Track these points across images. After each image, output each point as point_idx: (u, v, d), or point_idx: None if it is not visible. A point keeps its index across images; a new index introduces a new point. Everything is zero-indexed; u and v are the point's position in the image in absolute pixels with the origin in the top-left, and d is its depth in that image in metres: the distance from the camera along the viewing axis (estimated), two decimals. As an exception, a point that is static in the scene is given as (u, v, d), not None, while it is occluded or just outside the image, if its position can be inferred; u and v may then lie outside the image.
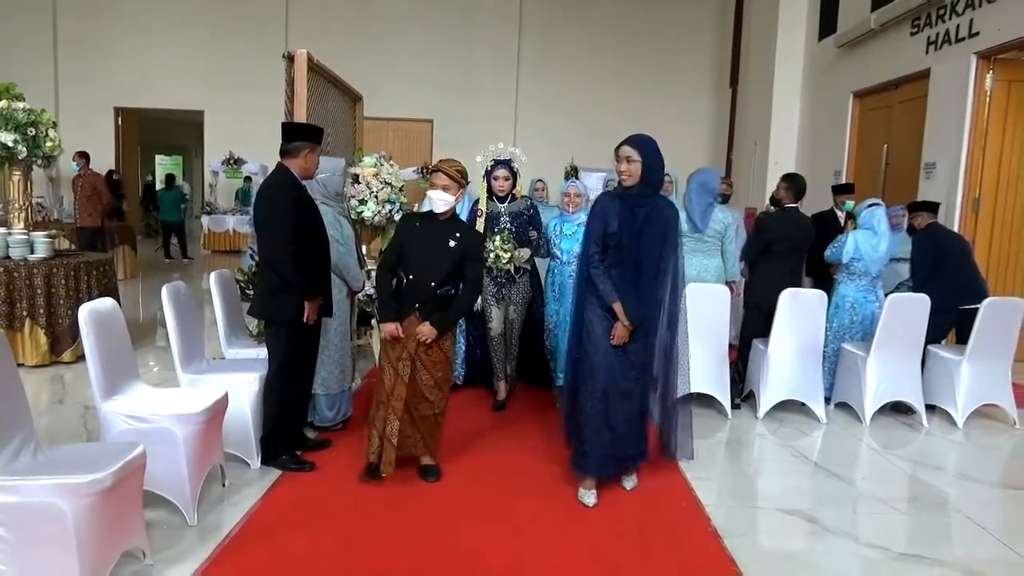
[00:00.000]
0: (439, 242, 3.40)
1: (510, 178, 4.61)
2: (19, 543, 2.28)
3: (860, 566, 3.00)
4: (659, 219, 3.30)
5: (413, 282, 3.42)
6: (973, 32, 6.75)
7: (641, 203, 3.30)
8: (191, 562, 2.76)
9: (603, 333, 3.34)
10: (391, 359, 3.41)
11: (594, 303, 3.37)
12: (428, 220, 3.51)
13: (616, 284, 3.30)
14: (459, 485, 3.57)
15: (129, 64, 14.05)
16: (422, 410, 3.47)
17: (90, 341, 3.01)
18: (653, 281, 3.32)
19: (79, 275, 5.61)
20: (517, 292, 4.73)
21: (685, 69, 14.10)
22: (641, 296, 3.29)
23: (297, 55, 4.72)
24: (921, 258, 5.14)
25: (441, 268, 3.40)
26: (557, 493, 3.51)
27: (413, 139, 14.11)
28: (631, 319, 3.26)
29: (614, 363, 3.34)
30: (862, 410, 4.79)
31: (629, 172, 3.28)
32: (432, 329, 3.36)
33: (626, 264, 3.31)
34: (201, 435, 3.07)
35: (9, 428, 2.45)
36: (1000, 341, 4.88)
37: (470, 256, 3.47)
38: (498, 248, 4.51)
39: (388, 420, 3.37)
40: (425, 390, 3.44)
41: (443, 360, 3.49)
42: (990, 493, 3.91)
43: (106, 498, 2.37)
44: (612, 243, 3.31)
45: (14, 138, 5.45)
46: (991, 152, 6.74)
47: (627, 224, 3.28)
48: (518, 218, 4.67)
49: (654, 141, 3.33)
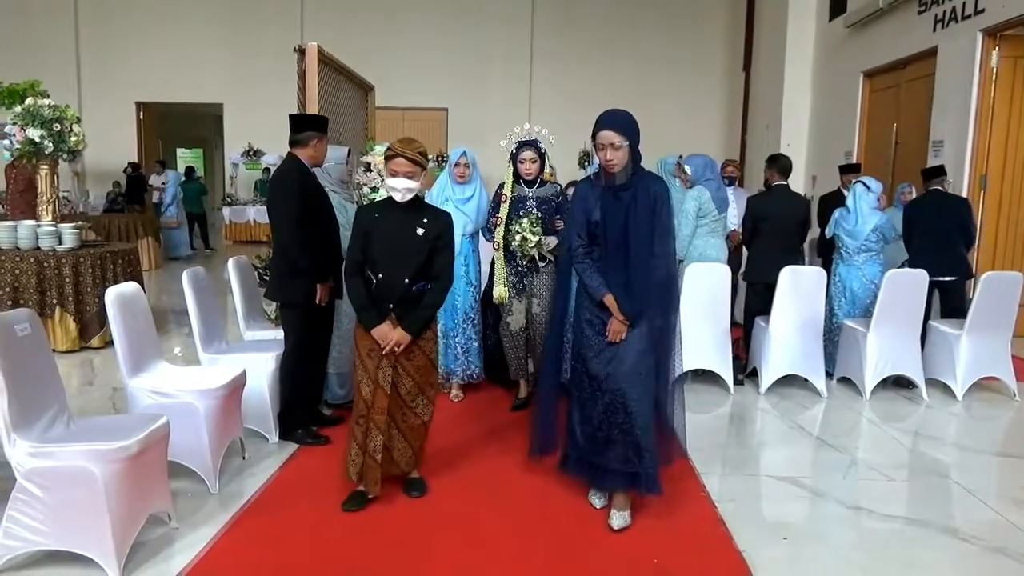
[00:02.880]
0: (406, 232, 3.05)
1: (537, 160, 4.29)
2: (55, 504, 2.49)
3: (844, 527, 3.14)
4: (646, 198, 2.93)
5: (383, 281, 3.06)
6: (979, 9, 6.78)
7: (626, 186, 2.95)
8: (213, 526, 2.96)
9: (596, 334, 3.04)
10: (369, 369, 3.07)
11: (583, 303, 3.10)
12: (389, 208, 3.11)
13: (605, 277, 3.00)
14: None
15: (150, 59, 14.34)
16: (409, 420, 3.15)
17: (117, 322, 3.21)
18: (647, 269, 2.95)
19: (105, 264, 5.85)
20: (541, 283, 4.37)
21: (698, 54, 14.13)
22: (633, 288, 2.95)
23: (307, 48, 4.89)
24: (905, 222, 5.41)
25: (412, 261, 3.05)
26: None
27: (427, 128, 14.26)
28: (626, 313, 2.95)
29: (606, 351, 3.01)
30: (863, 384, 4.90)
31: (616, 160, 2.89)
32: (405, 334, 3.03)
33: (613, 255, 2.99)
34: (221, 409, 3.27)
35: (44, 400, 2.66)
36: (999, 315, 4.96)
37: (440, 244, 3.11)
38: (526, 230, 4.19)
39: (370, 435, 3.05)
40: (409, 398, 3.13)
41: (426, 364, 3.16)
42: (984, 461, 4.03)
43: (133, 464, 2.57)
44: (597, 233, 3.00)
45: (40, 134, 5.69)
46: (998, 129, 6.78)
47: (611, 212, 2.96)
48: (545, 203, 4.34)
49: (632, 117, 2.95)
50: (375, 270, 3.08)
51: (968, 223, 5.35)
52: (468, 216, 4.51)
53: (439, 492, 3.32)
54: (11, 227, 5.76)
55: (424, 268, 3.09)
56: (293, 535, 2.92)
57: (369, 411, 3.06)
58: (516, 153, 4.31)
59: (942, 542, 3.01)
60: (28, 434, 2.53)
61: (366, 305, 3.07)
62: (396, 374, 3.08)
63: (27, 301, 5.44)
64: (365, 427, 3.06)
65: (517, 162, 4.31)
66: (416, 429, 3.19)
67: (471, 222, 4.53)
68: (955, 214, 5.33)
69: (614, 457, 3.01)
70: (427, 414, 3.22)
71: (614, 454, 3.00)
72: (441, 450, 3.72)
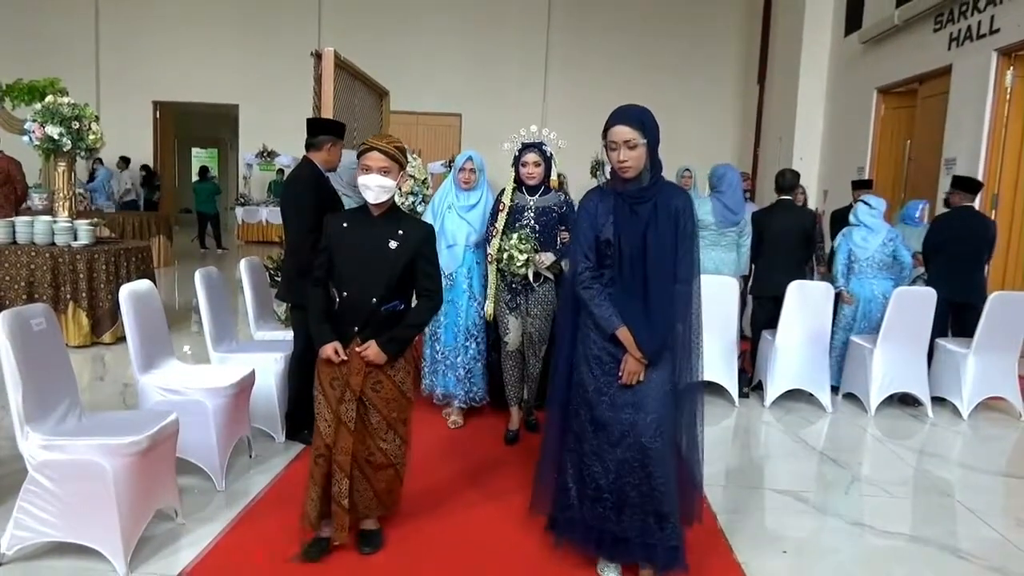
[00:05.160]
0: (376, 244, 2.66)
1: (541, 164, 3.86)
2: (66, 497, 2.54)
3: (845, 543, 3.14)
4: (668, 213, 2.50)
5: (348, 300, 2.68)
6: (994, 29, 6.78)
7: (643, 196, 2.51)
8: (219, 523, 3.00)
9: (604, 373, 2.56)
10: (330, 401, 2.67)
11: (590, 335, 2.59)
12: (360, 217, 2.74)
13: (618, 306, 2.54)
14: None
15: (167, 59, 14.52)
16: (375, 458, 2.71)
17: (129, 319, 3.27)
18: (668, 297, 2.51)
19: (119, 261, 5.93)
20: (536, 303, 3.94)
21: (713, 66, 14.18)
22: (653, 320, 2.49)
23: (324, 53, 4.95)
24: (930, 236, 5.33)
25: (381, 278, 2.65)
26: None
27: (441, 133, 14.36)
28: (644, 350, 2.49)
29: (618, 395, 2.55)
30: (868, 400, 4.90)
31: (631, 161, 2.46)
32: (379, 352, 2.62)
33: (629, 279, 2.54)
34: (229, 407, 3.32)
35: (57, 394, 2.71)
36: (1007, 335, 4.95)
37: (421, 256, 2.71)
38: (513, 247, 3.78)
39: (335, 478, 2.66)
40: (377, 436, 2.69)
41: (396, 396, 2.71)
42: (988, 480, 4.02)
43: (143, 458, 2.61)
44: (609, 253, 2.56)
45: (59, 131, 5.77)
46: (1010, 148, 6.77)
47: (627, 228, 2.52)
48: (546, 214, 3.90)
49: (651, 113, 2.53)
50: (339, 287, 2.71)
51: (993, 246, 5.34)
52: (472, 225, 4.15)
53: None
54: (28, 222, 5.85)
55: (399, 287, 2.70)
56: (297, 533, 2.95)
57: (331, 451, 2.66)
58: (519, 155, 3.92)
59: (943, 560, 3.02)
60: (41, 427, 2.58)
61: (319, 318, 2.71)
62: (362, 407, 2.67)
63: (41, 296, 5.52)
64: (326, 468, 2.68)
65: (519, 165, 3.91)
66: (382, 470, 2.73)
67: (475, 232, 4.15)
68: (984, 235, 5.27)
69: (629, 525, 2.52)
70: (398, 457, 2.76)
71: (629, 522, 2.52)
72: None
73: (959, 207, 5.36)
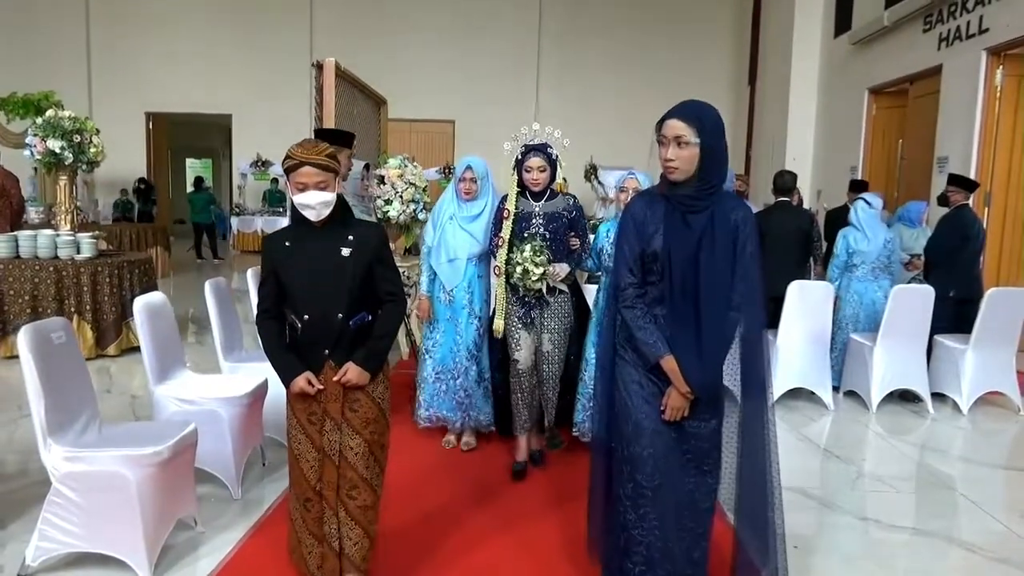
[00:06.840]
0: (327, 257, 2.42)
1: (546, 168, 3.56)
2: (89, 508, 2.58)
3: (853, 537, 3.21)
4: (726, 227, 2.20)
5: (311, 323, 2.43)
6: (983, 28, 6.89)
7: (697, 206, 2.20)
8: (236, 531, 3.04)
9: (646, 404, 2.27)
10: (313, 438, 2.46)
11: (628, 361, 2.32)
12: (302, 231, 2.46)
13: (665, 330, 2.25)
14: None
15: (160, 70, 14.53)
16: (359, 496, 2.44)
17: (144, 330, 3.31)
18: (721, 323, 2.21)
19: (122, 273, 5.95)
20: (552, 317, 3.63)
21: (704, 68, 14.27)
22: (704, 349, 2.20)
23: (325, 64, 5.01)
24: (943, 239, 5.29)
25: (341, 292, 2.41)
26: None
27: (435, 140, 14.42)
28: (691, 383, 2.20)
29: (670, 451, 2.28)
30: (869, 397, 4.97)
31: (678, 162, 2.16)
32: (361, 372, 2.42)
33: (678, 300, 2.23)
34: (244, 417, 3.36)
35: (78, 407, 2.75)
36: (1005, 330, 5.03)
37: (379, 262, 2.48)
38: (527, 261, 3.45)
39: (325, 519, 2.46)
40: (359, 464, 2.43)
41: (376, 416, 2.48)
42: (989, 473, 4.10)
43: (164, 469, 2.65)
44: (656, 269, 2.25)
45: (61, 145, 5.80)
46: (1002, 147, 6.88)
47: (677, 240, 2.21)
48: (555, 220, 3.61)
49: (717, 114, 2.21)
50: (298, 312, 2.45)
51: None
52: (474, 237, 3.85)
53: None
54: (31, 236, 5.86)
55: (361, 296, 2.45)
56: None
57: (318, 488, 2.46)
58: (521, 159, 3.60)
59: (949, 552, 3.09)
60: (63, 439, 2.61)
61: (279, 353, 2.48)
62: (342, 436, 2.46)
63: (45, 309, 5.54)
64: (318, 512, 2.47)
65: (523, 170, 3.59)
66: (367, 510, 2.47)
67: (477, 243, 3.85)
68: (983, 232, 5.42)
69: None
70: (379, 486, 2.52)
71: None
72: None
73: (960, 207, 5.43)
